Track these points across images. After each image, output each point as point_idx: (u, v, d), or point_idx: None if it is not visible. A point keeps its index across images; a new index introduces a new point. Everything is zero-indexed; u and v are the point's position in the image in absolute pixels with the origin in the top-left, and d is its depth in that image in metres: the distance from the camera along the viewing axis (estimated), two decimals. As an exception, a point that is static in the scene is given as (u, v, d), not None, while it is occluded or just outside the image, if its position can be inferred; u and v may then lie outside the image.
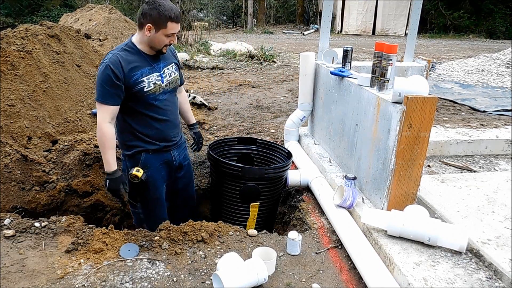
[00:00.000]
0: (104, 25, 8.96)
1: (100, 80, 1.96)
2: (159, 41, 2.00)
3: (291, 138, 3.34)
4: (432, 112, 1.77)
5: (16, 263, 1.73)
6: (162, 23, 1.94)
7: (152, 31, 1.96)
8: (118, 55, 1.97)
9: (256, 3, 20.49)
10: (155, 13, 1.92)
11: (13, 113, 2.92)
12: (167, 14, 1.93)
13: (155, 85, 2.07)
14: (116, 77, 1.94)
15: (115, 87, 1.96)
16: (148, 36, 1.97)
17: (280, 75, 7.25)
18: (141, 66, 2.02)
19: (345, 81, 2.51)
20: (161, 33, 1.97)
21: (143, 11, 1.95)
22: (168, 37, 2.00)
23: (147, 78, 2.04)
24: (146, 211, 2.30)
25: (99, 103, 1.98)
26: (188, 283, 1.71)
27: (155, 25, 1.95)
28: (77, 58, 3.78)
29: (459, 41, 15.75)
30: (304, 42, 14.10)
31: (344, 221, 2.05)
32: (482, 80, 6.65)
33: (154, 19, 1.93)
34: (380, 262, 1.72)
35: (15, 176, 2.55)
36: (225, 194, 2.46)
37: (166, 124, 2.19)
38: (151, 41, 2.00)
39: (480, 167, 2.87)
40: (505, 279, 1.53)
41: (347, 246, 1.94)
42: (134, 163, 2.16)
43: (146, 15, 1.94)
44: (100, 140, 2.03)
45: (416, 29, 3.17)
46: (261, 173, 2.37)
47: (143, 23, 1.96)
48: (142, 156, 2.17)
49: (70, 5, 18.00)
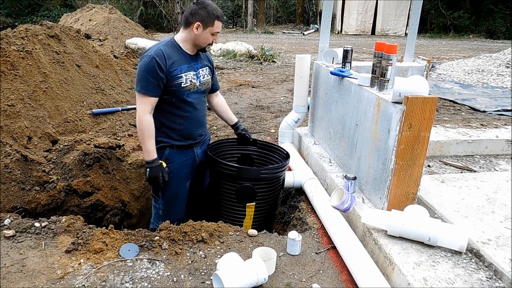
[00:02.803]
0: (104, 25, 8.96)
1: (144, 71, 2.04)
2: (204, 39, 2.14)
3: (285, 140, 3.35)
4: (432, 112, 1.77)
5: (16, 263, 1.73)
6: (210, 21, 2.09)
7: (200, 29, 2.09)
8: (162, 49, 2.07)
9: (256, 3, 20.49)
10: (204, 12, 2.07)
11: (13, 113, 2.92)
12: (215, 13, 2.10)
13: (191, 83, 2.17)
14: (160, 68, 2.03)
15: (158, 79, 2.05)
16: (196, 33, 2.10)
17: (280, 75, 7.25)
18: (180, 63, 2.13)
19: (345, 81, 2.51)
20: (208, 31, 2.11)
21: (192, 10, 2.09)
22: (213, 35, 2.16)
23: (185, 75, 2.14)
24: (165, 206, 2.37)
25: (141, 94, 2.06)
26: (188, 283, 1.71)
27: (203, 23, 2.08)
28: (77, 58, 3.78)
29: (459, 41, 15.75)
30: (304, 42, 14.09)
31: (337, 223, 2.05)
32: (482, 80, 6.65)
33: (203, 17, 2.08)
34: (373, 264, 1.72)
35: (15, 176, 2.55)
36: (222, 194, 2.47)
37: (192, 122, 2.30)
38: (197, 39, 2.13)
39: (480, 167, 2.87)
40: (505, 279, 1.53)
41: (339, 247, 1.94)
42: (159, 157, 2.21)
43: (195, 13, 2.08)
44: (140, 131, 2.10)
45: (416, 29, 3.17)
46: (257, 174, 2.38)
47: (191, 21, 2.09)
48: (166, 151, 2.25)
49: (70, 5, 18.01)
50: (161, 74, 2.04)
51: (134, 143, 3.32)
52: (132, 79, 4.27)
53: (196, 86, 2.21)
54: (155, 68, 2.02)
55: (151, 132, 2.11)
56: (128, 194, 3.06)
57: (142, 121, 2.08)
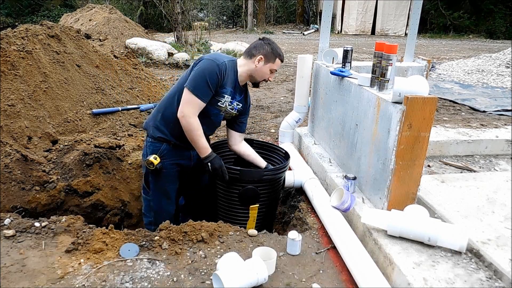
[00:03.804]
0: (104, 25, 8.97)
1: (206, 74, 2.10)
2: (262, 73, 2.27)
3: (285, 139, 3.35)
4: (432, 112, 1.77)
5: (16, 263, 1.73)
6: (272, 58, 2.25)
7: (261, 62, 2.23)
8: (226, 64, 2.17)
9: (256, 3, 20.48)
10: (268, 48, 2.24)
11: (13, 113, 2.92)
12: (278, 51, 2.26)
13: (224, 106, 2.27)
14: (218, 79, 2.13)
15: (213, 87, 2.13)
16: (256, 66, 2.23)
17: (280, 75, 7.25)
18: (229, 85, 2.23)
19: (345, 81, 2.51)
20: (268, 66, 2.25)
21: (258, 44, 2.26)
22: (271, 72, 2.29)
23: (226, 97, 2.24)
24: (155, 200, 2.40)
25: (193, 95, 2.10)
26: (188, 283, 1.71)
27: (266, 58, 2.23)
28: (77, 58, 3.78)
29: (459, 41, 15.76)
30: (304, 42, 14.09)
31: (337, 223, 2.05)
32: (482, 80, 6.65)
33: (266, 52, 2.23)
34: (373, 264, 1.71)
35: (15, 176, 2.55)
36: (223, 196, 2.46)
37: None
38: (256, 71, 2.26)
39: (480, 167, 2.87)
40: (505, 279, 1.53)
41: (339, 247, 1.94)
42: (154, 151, 2.27)
43: (260, 48, 2.24)
44: (189, 131, 2.16)
45: (416, 29, 3.17)
46: (260, 176, 2.37)
47: (254, 54, 2.24)
48: (163, 146, 2.28)
49: (70, 5, 18.01)
50: (217, 85, 2.13)
51: (134, 143, 3.32)
52: (132, 79, 4.26)
53: (225, 111, 2.31)
54: (217, 76, 2.11)
55: (201, 132, 2.17)
56: (128, 194, 3.06)
57: (192, 123, 2.13)
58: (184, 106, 2.13)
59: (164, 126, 2.26)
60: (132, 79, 4.26)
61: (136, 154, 3.18)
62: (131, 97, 4.03)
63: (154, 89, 4.39)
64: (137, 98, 4.09)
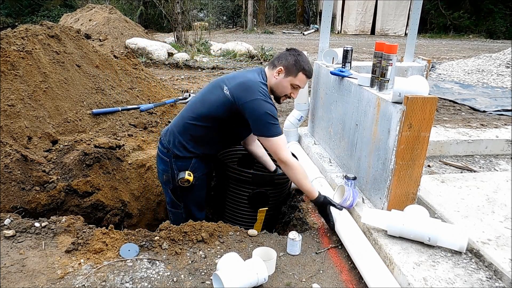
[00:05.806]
0: (104, 25, 8.97)
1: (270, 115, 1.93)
2: (282, 87, 2.05)
3: (290, 138, 3.34)
4: (432, 112, 1.77)
5: (16, 263, 1.73)
6: (294, 71, 2.01)
7: (281, 74, 2.02)
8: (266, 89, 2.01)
9: (256, 3, 20.48)
10: (291, 59, 2.00)
11: (13, 113, 2.92)
12: (302, 65, 2.01)
13: None
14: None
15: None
16: (276, 78, 2.03)
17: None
18: None
19: (345, 81, 2.51)
20: (288, 80, 2.03)
21: (281, 54, 2.04)
22: (293, 88, 2.06)
23: None
24: (187, 211, 2.33)
25: (280, 136, 1.96)
26: (188, 283, 1.71)
27: (287, 70, 2.01)
28: (77, 58, 3.77)
29: (459, 41, 15.76)
30: (304, 42, 14.09)
31: (344, 221, 2.05)
32: (482, 80, 6.65)
33: (288, 64, 2.00)
34: (381, 262, 1.72)
35: (15, 176, 2.55)
36: (232, 198, 2.46)
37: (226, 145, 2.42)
38: (275, 84, 2.05)
39: (480, 167, 2.87)
40: (505, 279, 1.53)
41: (347, 245, 1.93)
42: (183, 167, 2.16)
43: (282, 58, 2.03)
44: (295, 174, 2.00)
45: (416, 29, 3.17)
46: (271, 179, 2.38)
47: (276, 65, 2.04)
48: (193, 161, 2.18)
49: (70, 5, 18.00)
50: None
51: (134, 143, 3.31)
52: (132, 79, 4.25)
53: None
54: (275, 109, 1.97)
55: (305, 171, 2.05)
56: (128, 194, 3.06)
57: (294, 164, 1.99)
58: (279, 154, 1.97)
59: (194, 147, 2.15)
60: (132, 79, 4.25)
61: (136, 154, 3.18)
62: (131, 97, 4.02)
63: (154, 89, 4.38)
64: (137, 98, 4.09)
